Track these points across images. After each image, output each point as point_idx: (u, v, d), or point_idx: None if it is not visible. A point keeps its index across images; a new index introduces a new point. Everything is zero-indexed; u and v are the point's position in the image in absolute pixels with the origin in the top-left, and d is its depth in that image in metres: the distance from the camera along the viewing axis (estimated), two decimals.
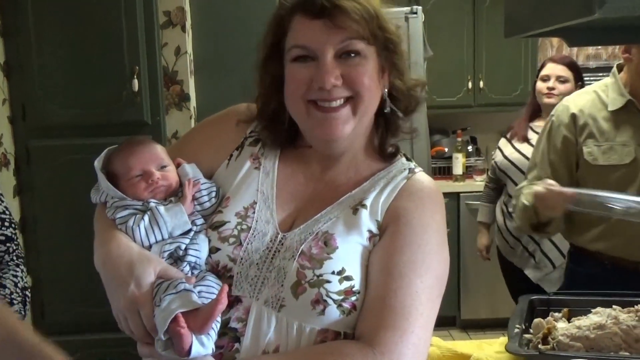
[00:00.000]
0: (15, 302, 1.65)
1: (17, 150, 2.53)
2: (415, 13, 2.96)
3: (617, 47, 4.58)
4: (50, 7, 2.45)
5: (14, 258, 1.73)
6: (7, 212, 1.74)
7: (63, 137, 2.51)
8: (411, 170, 1.16)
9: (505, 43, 4.27)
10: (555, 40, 4.64)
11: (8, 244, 1.72)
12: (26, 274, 1.76)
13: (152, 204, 1.11)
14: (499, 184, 3.03)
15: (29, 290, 1.75)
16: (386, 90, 1.12)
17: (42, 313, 2.59)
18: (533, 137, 2.82)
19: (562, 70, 2.80)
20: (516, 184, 2.75)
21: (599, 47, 4.64)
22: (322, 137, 1.10)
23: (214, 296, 1.01)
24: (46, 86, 2.48)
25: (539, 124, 2.84)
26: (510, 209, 2.78)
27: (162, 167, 1.15)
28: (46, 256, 2.57)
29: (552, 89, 2.78)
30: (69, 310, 2.59)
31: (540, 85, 2.84)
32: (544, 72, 2.85)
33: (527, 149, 2.80)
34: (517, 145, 2.88)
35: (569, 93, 2.64)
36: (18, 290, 1.68)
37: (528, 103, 3.00)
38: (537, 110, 2.91)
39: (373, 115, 1.13)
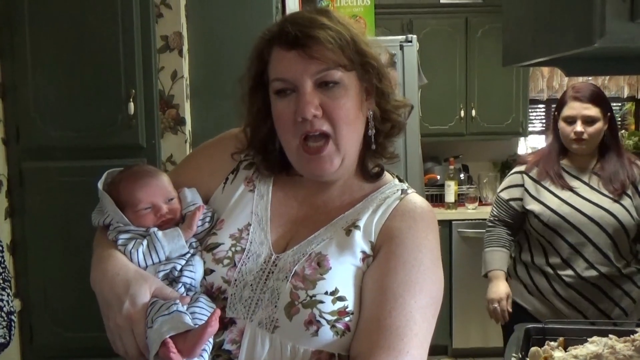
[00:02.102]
0: None
1: (10, 171, 2.51)
2: (410, 42, 3.00)
3: (607, 78, 4.65)
4: (48, 29, 2.45)
5: (0, 281, 1.71)
6: None
7: (57, 159, 2.50)
8: (404, 191, 1.17)
9: (497, 72, 4.34)
10: (546, 71, 4.70)
11: None
12: (12, 297, 1.73)
13: (152, 230, 1.12)
14: (517, 231, 2.51)
15: (15, 314, 1.72)
16: (371, 112, 1.13)
17: (31, 337, 2.55)
18: (576, 184, 2.38)
19: (588, 110, 2.33)
20: (568, 243, 2.32)
21: (590, 77, 4.69)
22: (312, 175, 1.13)
23: (206, 319, 1.00)
24: (41, 108, 2.47)
25: (568, 164, 2.43)
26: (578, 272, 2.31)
27: (169, 200, 1.17)
28: (36, 279, 2.54)
29: (581, 133, 2.33)
30: (57, 335, 2.55)
31: (566, 128, 2.37)
32: (567, 113, 2.37)
33: (578, 202, 2.34)
34: (560, 193, 2.37)
35: (599, 134, 2.35)
36: (3, 314, 1.65)
37: (551, 140, 2.50)
38: (564, 149, 2.44)
39: (361, 139, 1.14)
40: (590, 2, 0.90)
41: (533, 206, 2.39)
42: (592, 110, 2.33)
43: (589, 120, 2.33)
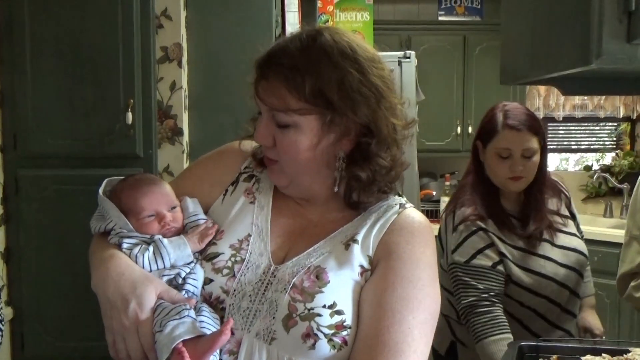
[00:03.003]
0: None
1: (6, 178, 2.51)
2: (409, 58, 3.02)
3: (603, 98, 4.68)
4: (48, 38, 2.46)
5: None
6: None
7: (53, 167, 2.49)
8: (402, 206, 1.17)
9: (494, 90, 4.35)
10: (542, 89, 4.73)
11: None
12: (3, 305, 1.72)
13: (157, 237, 1.13)
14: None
15: (4, 322, 1.71)
16: (342, 153, 1.11)
17: (22, 346, 2.54)
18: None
19: (528, 141, 1.87)
20: (557, 304, 1.92)
21: (586, 97, 4.73)
22: (272, 182, 1.18)
23: (213, 328, 1.01)
24: (39, 116, 2.47)
25: (507, 206, 1.98)
26: None
27: (172, 208, 1.17)
28: (29, 288, 2.53)
29: (520, 170, 1.89)
30: (49, 344, 2.53)
31: (499, 164, 1.90)
32: (502, 145, 1.88)
33: (553, 252, 1.94)
34: (527, 246, 1.92)
35: (536, 167, 1.91)
36: None
37: (473, 177, 2.01)
38: (494, 187, 1.97)
39: (326, 172, 1.12)
40: (588, 23, 0.92)
41: (519, 276, 1.89)
42: (532, 141, 1.88)
43: (527, 155, 1.89)
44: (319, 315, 1.02)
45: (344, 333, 1.03)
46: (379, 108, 1.09)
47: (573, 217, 2.06)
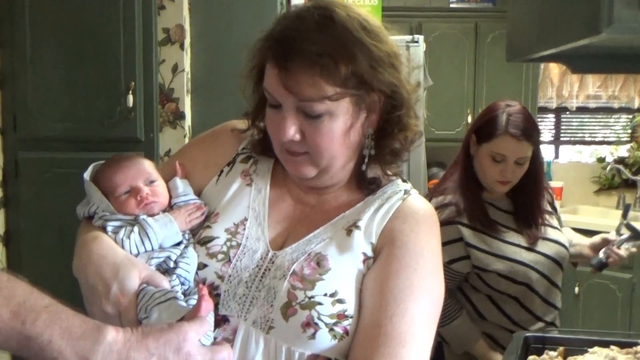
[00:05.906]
0: None
1: (6, 161, 2.50)
2: (417, 42, 2.95)
3: (618, 88, 4.59)
4: (48, 20, 2.44)
5: None
6: None
7: (53, 150, 2.49)
8: (406, 192, 1.12)
9: (506, 79, 4.29)
10: (555, 79, 4.65)
11: None
12: None
13: (141, 217, 1.07)
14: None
15: None
16: (371, 131, 1.06)
17: None
18: (506, 220, 1.95)
19: (524, 150, 1.87)
20: (539, 295, 1.90)
21: (599, 88, 4.63)
22: (294, 175, 1.10)
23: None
24: (39, 98, 2.46)
25: (490, 196, 1.97)
26: None
27: (151, 182, 1.11)
28: (29, 271, 2.49)
29: (511, 176, 1.90)
30: None
31: (491, 166, 1.88)
32: (497, 150, 1.87)
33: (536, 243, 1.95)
34: (513, 238, 1.93)
35: (523, 172, 1.92)
36: None
37: (461, 170, 1.99)
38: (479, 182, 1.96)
39: (355, 155, 1.08)
40: None
41: (492, 263, 1.88)
42: (527, 149, 1.88)
43: (520, 162, 1.89)
44: (320, 303, 0.98)
45: (346, 323, 0.98)
46: (399, 75, 1.06)
47: (555, 210, 2.09)
